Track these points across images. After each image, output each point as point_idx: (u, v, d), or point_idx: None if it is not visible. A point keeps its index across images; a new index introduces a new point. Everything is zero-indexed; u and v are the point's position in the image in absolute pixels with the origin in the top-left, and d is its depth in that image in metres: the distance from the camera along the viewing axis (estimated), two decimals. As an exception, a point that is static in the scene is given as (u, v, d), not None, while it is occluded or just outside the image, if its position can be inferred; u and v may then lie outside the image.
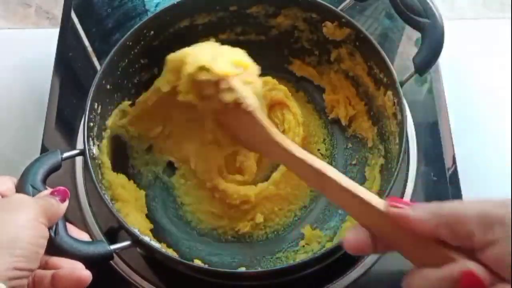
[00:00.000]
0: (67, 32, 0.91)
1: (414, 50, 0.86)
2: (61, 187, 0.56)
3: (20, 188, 0.56)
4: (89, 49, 0.91)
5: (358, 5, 0.75)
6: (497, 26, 0.97)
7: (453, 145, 0.80)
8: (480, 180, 0.80)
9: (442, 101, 0.84)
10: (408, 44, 0.90)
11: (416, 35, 0.70)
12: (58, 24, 0.92)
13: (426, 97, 0.85)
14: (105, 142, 0.73)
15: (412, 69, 0.68)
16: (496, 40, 0.95)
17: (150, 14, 0.88)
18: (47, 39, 0.91)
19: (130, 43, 0.73)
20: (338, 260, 0.66)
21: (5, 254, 0.46)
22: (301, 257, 0.71)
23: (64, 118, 0.84)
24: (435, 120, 0.83)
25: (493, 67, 0.92)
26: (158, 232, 0.73)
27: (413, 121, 0.82)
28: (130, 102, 0.77)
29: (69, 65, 0.89)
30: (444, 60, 0.86)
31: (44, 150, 0.79)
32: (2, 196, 0.54)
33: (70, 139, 0.82)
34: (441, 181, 0.78)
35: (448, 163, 0.79)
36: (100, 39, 0.92)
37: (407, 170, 0.78)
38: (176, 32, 0.78)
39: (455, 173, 0.78)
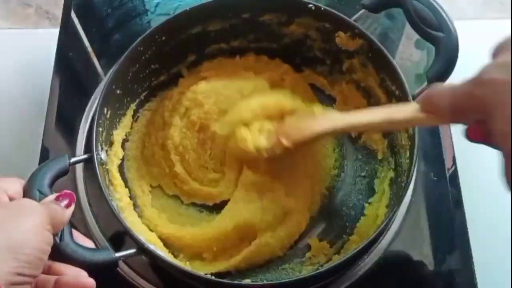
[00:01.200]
0: (67, 32, 0.91)
1: (414, 50, 0.87)
2: (67, 191, 0.55)
3: (27, 192, 0.56)
4: (89, 49, 0.91)
5: (371, 16, 0.74)
6: (497, 26, 0.96)
7: (453, 145, 0.80)
8: (480, 180, 0.80)
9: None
10: (408, 44, 0.89)
11: (416, 35, 0.70)
12: (58, 24, 0.92)
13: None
14: (114, 147, 0.72)
15: (415, 72, 0.68)
16: (496, 40, 0.94)
17: (150, 15, 0.88)
18: (47, 39, 0.91)
19: (141, 48, 0.73)
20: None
21: (9, 259, 0.46)
22: (307, 269, 0.71)
23: (64, 118, 0.84)
24: (435, 120, 0.82)
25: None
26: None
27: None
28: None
29: (69, 65, 0.89)
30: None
31: (44, 150, 0.79)
32: (10, 199, 0.54)
33: (70, 139, 0.81)
34: (441, 181, 0.77)
35: (448, 163, 0.79)
36: (100, 39, 0.92)
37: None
38: (188, 38, 0.78)
39: (455, 173, 0.78)
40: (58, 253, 0.54)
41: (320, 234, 0.75)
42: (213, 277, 0.62)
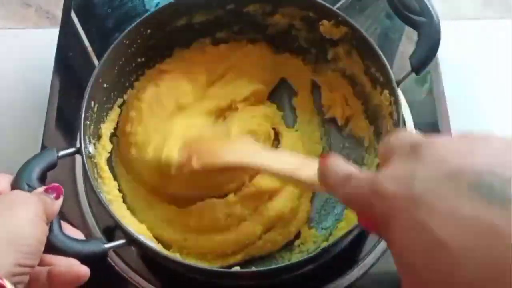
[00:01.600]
0: (67, 32, 0.91)
1: (414, 50, 0.86)
2: (55, 184, 0.56)
3: (15, 185, 0.56)
4: (89, 49, 0.91)
5: (357, 4, 0.75)
6: (497, 26, 0.97)
7: (453, 145, 0.80)
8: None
9: (442, 101, 0.84)
10: (408, 44, 0.89)
11: (416, 35, 0.70)
12: (58, 24, 0.92)
13: (426, 97, 0.85)
14: (101, 140, 0.73)
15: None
16: (496, 40, 0.95)
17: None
18: (47, 39, 0.91)
19: (127, 42, 0.74)
20: (337, 260, 0.66)
21: (10, 251, 0.46)
22: (296, 256, 0.71)
23: (64, 118, 0.84)
24: (435, 120, 0.83)
25: (493, 67, 0.92)
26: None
27: (413, 121, 0.82)
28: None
29: (69, 65, 0.89)
30: (444, 60, 0.86)
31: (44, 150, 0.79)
32: None
33: (70, 139, 0.81)
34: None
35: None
36: (100, 39, 0.92)
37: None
38: (173, 30, 0.78)
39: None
40: (47, 245, 0.54)
41: (309, 221, 0.75)
42: (200, 265, 0.62)
